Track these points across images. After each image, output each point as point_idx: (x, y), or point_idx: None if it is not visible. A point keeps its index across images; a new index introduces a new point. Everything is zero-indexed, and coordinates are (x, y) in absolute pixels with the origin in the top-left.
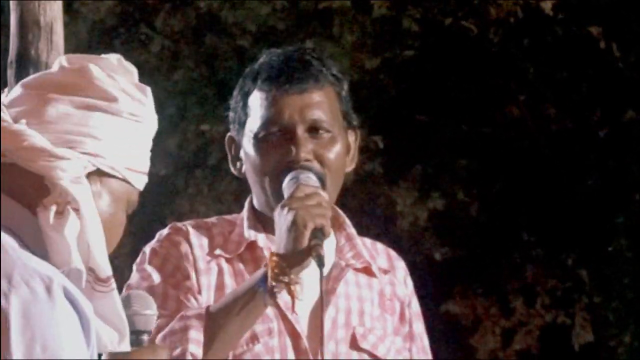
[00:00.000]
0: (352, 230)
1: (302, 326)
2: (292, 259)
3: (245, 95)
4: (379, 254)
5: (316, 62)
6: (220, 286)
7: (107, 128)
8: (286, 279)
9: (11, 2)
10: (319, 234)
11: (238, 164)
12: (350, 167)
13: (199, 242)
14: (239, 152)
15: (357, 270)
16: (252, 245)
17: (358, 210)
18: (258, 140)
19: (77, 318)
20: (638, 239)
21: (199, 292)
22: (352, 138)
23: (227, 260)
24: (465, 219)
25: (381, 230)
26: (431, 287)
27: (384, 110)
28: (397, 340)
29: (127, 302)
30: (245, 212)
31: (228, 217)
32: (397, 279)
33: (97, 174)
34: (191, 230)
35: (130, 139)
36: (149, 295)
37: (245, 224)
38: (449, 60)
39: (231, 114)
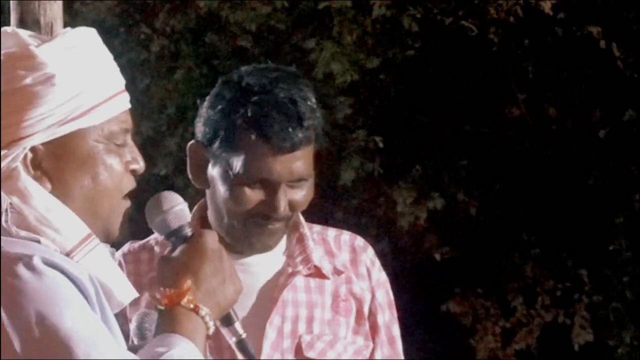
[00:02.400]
0: (305, 231)
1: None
2: None
3: (234, 127)
4: (342, 247)
5: (308, 109)
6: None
7: (16, 106)
8: None
9: (11, 2)
10: None
11: (202, 176)
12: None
13: (133, 270)
14: (205, 166)
15: (307, 274)
16: None
17: (358, 210)
18: (239, 181)
19: (68, 281)
20: (638, 239)
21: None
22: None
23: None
24: (465, 219)
25: (381, 230)
26: (431, 287)
27: (384, 110)
28: (358, 339)
29: (156, 206)
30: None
31: None
32: (358, 274)
33: (42, 149)
34: (125, 259)
35: (49, 97)
36: (169, 192)
37: None
38: (449, 60)
39: (205, 128)
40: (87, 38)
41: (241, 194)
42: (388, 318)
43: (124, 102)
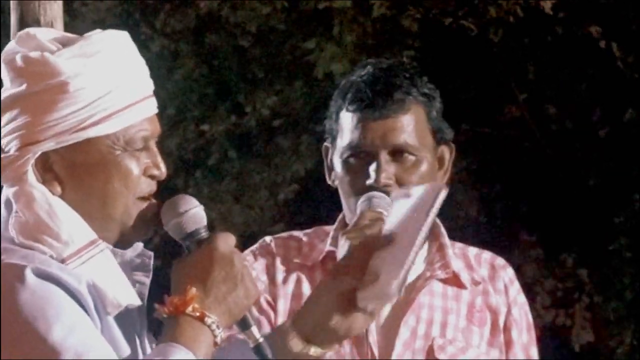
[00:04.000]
0: (446, 241)
1: (374, 336)
2: None
3: (337, 111)
4: (482, 263)
5: (406, 82)
6: (297, 295)
7: (29, 110)
8: None
9: (11, 2)
10: None
11: (332, 174)
12: (442, 182)
13: (282, 254)
14: (332, 164)
15: (444, 281)
16: (332, 255)
17: None
18: (344, 161)
19: (62, 293)
20: (638, 239)
21: (275, 302)
22: (447, 154)
23: (309, 269)
24: (465, 219)
25: None
26: None
27: None
28: (492, 352)
29: (172, 209)
30: (336, 223)
31: (326, 227)
32: (495, 288)
33: (54, 153)
34: (276, 244)
35: (61, 104)
36: (184, 195)
37: (331, 234)
38: (449, 60)
39: (327, 124)
40: (113, 43)
41: (348, 169)
42: (526, 340)
43: (147, 109)
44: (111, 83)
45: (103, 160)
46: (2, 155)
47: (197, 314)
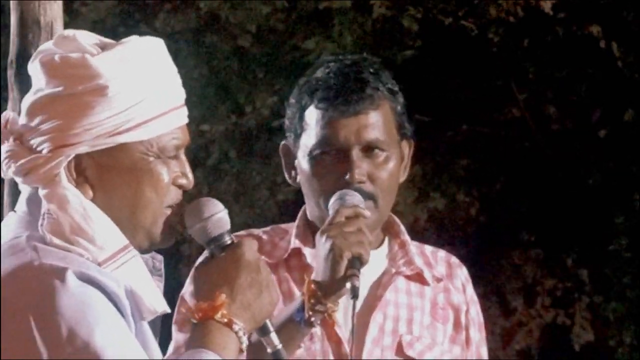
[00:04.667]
0: (407, 238)
1: (344, 332)
2: (329, 288)
3: (302, 109)
4: (438, 261)
5: (373, 78)
6: None
7: (65, 112)
8: (322, 308)
9: (11, 2)
10: (356, 262)
11: (293, 172)
12: (403, 178)
13: None
14: (293, 161)
15: (408, 277)
16: (297, 252)
17: None
18: (313, 158)
19: (102, 296)
20: (638, 239)
21: None
22: (406, 149)
23: (273, 267)
24: (465, 219)
25: None
26: None
27: None
28: (454, 348)
29: (196, 213)
30: (296, 221)
31: (283, 225)
32: (454, 286)
33: (87, 156)
34: None
35: (99, 107)
36: (209, 198)
37: (294, 231)
38: (449, 60)
39: (287, 122)
40: (149, 49)
41: (319, 166)
42: (478, 338)
43: (179, 117)
44: (147, 89)
45: (136, 166)
46: (34, 156)
47: (225, 320)
